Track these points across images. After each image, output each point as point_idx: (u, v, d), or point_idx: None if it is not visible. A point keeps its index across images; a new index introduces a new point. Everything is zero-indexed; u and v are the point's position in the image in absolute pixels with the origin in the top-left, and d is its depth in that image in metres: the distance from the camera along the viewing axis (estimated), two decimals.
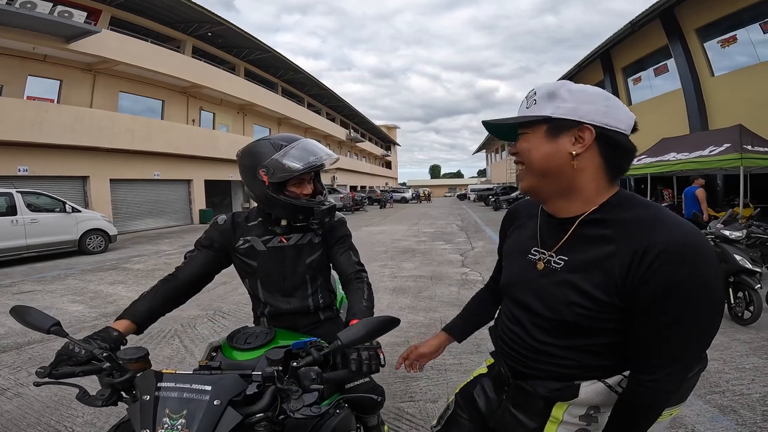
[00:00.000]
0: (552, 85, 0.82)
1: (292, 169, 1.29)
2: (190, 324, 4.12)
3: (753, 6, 10.78)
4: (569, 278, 0.81)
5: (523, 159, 0.86)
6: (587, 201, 0.82)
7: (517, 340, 0.94)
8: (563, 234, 0.85)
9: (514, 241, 1.02)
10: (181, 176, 17.12)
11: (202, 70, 17.46)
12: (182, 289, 1.36)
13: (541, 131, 0.82)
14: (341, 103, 35.40)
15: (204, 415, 0.78)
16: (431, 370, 2.95)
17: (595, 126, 0.78)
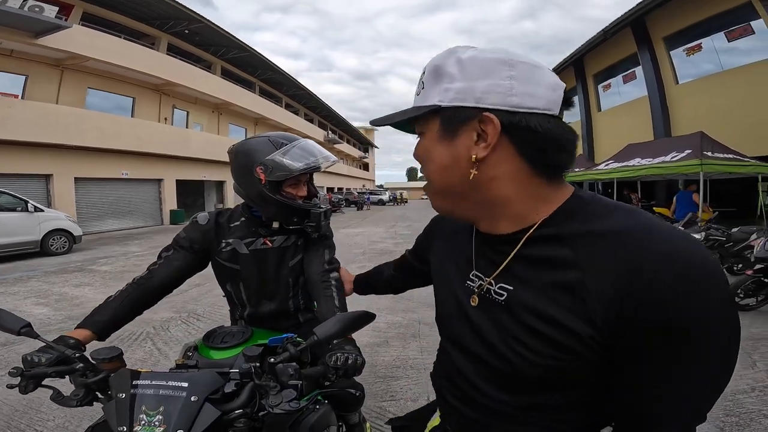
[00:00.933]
0: (439, 56, 0.58)
1: (291, 168, 1.25)
2: (163, 326, 4.00)
3: (719, 15, 11.24)
4: (518, 315, 0.57)
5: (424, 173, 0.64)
6: (520, 215, 0.58)
7: (462, 395, 0.69)
8: (503, 256, 0.60)
9: (444, 259, 0.78)
10: (151, 175, 16.56)
11: (176, 67, 16.99)
12: (155, 292, 1.28)
13: (434, 129, 0.59)
14: (320, 104, 35.19)
15: (181, 410, 0.78)
16: (411, 370, 2.99)
17: (498, 111, 0.53)
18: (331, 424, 1.07)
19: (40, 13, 10.72)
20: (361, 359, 1.00)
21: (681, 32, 12.74)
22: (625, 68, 15.94)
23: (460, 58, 0.55)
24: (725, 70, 11.59)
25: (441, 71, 0.57)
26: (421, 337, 3.66)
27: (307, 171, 1.29)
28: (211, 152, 18.93)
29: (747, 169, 8.25)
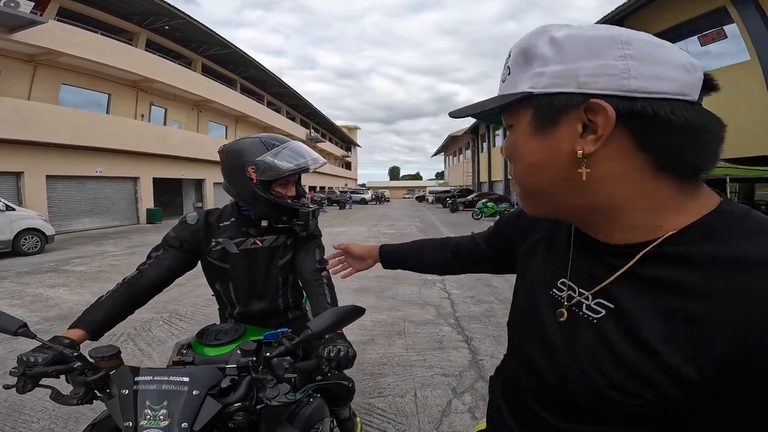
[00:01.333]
0: (526, 37, 0.49)
1: (282, 168, 1.31)
2: (144, 327, 3.93)
3: (693, 19, 11.60)
4: (608, 337, 0.48)
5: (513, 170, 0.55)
6: (637, 227, 0.48)
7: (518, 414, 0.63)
8: (608, 270, 0.50)
9: (532, 267, 0.67)
10: (126, 173, 16.12)
11: (155, 63, 16.59)
12: (145, 291, 1.29)
13: (525, 121, 0.49)
14: (302, 102, 34.92)
15: (185, 404, 0.80)
16: (397, 367, 3.03)
17: (610, 97, 0.43)
18: (325, 416, 1.11)
19: (15, 9, 10.34)
20: (352, 351, 1.05)
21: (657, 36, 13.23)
22: None
23: (554, 36, 0.46)
24: None
25: (531, 53, 0.47)
26: (407, 335, 3.72)
27: (296, 172, 1.34)
28: (189, 150, 18.55)
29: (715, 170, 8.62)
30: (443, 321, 4.12)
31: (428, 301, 4.87)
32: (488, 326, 3.93)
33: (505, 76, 0.52)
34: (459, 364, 3.07)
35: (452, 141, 49.96)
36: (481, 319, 4.15)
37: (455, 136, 46.62)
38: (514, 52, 0.50)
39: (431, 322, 4.10)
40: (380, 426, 2.28)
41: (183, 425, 0.77)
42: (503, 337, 3.44)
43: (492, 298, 5.00)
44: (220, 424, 0.87)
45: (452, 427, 2.26)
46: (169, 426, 0.77)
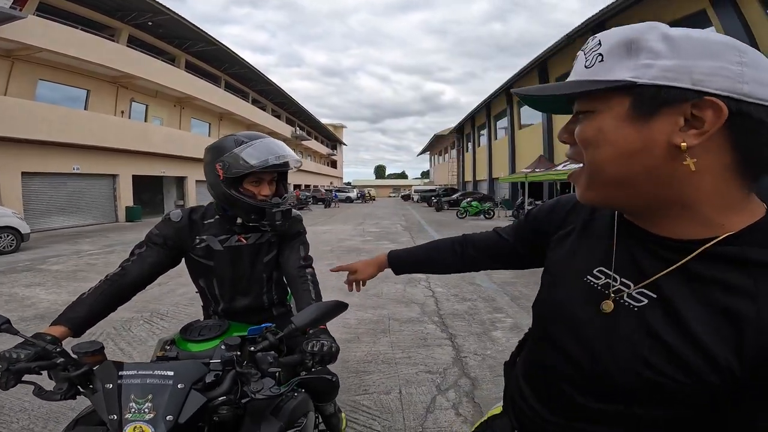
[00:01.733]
0: (631, 30, 0.50)
1: (246, 165, 1.28)
2: (125, 326, 3.85)
3: (673, 22, 11.74)
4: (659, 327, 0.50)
5: (585, 154, 0.54)
6: (704, 222, 0.50)
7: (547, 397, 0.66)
8: (662, 261, 0.53)
9: (564, 251, 0.69)
10: (105, 170, 15.73)
11: (136, 59, 16.22)
12: (129, 288, 1.28)
13: (619, 108, 0.49)
14: (288, 100, 34.62)
15: (169, 398, 0.80)
16: (382, 364, 3.05)
17: (727, 98, 0.44)
18: (309, 411, 1.12)
19: None
20: (336, 346, 1.07)
21: None
22: None
23: (668, 34, 0.47)
24: None
25: (638, 45, 0.48)
26: (392, 333, 3.74)
27: (262, 169, 1.30)
28: (171, 147, 18.21)
29: None
30: (428, 319, 4.15)
31: (413, 299, 4.89)
32: (472, 324, 3.98)
33: (593, 61, 0.52)
34: (443, 361, 3.11)
35: (438, 140, 50.23)
36: (464, 317, 4.20)
37: (441, 135, 46.90)
38: (613, 40, 0.50)
39: (416, 320, 4.13)
40: (366, 423, 2.29)
41: (168, 418, 0.78)
42: (486, 334, 3.51)
43: (475, 296, 5.06)
44: (206, 418, 0.87)
45: (437, 423, 2.28)
46: (154, 419, 0.77)
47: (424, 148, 60.57)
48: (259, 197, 1.35)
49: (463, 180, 38.48)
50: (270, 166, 1.31)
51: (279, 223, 1.37)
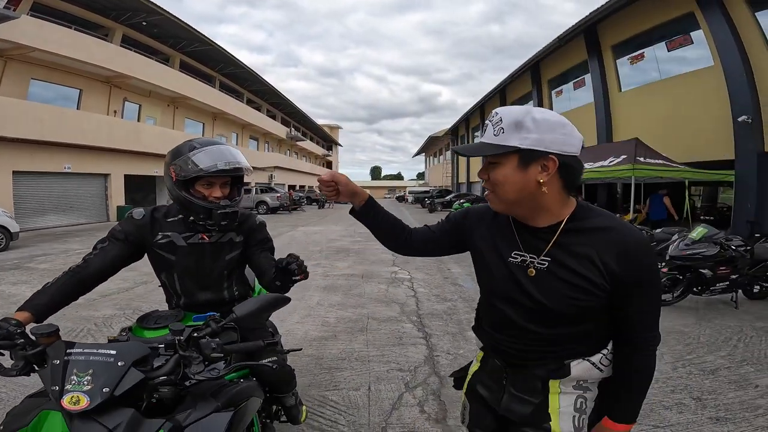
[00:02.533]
0: (517, 113, 0.88)
1: (195, 168, 1.37)
2: (106, 323, 3.90)
3: (662, 25, 12.01)
4: (560, 275, 0.92)
5: (495, 188, 0.94)
6: (554, 215, 0.94)
7: (511, 334, 1.02)
8: (544, 241, 0.95)
9: (488, 245, 1.06)
10: (96, 170, 15.70)
11: (129, 59, 16.23)
12: (89, 280, 1.36)
13: (512, 162, 0.89)
14: (283, 101, 34.57)
15: (109, 372, 0.88)
16: (355, 362, 3.12)
17: (557, 155, 0.86)
18: (254, 396, 1.18)
19: None
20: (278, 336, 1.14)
21: (627, 41, 13.54)
22: (576, 75, 16.81)
23: (535, 117, 0.87)
24: (661, 80, 12.50)
25: (521, 125, 0.87)
26: (369, 331, 3.80)
27: (207, 173, 1.38)
28: (164, 147, 17.87)
29: (674, 173, 9.04)
30: (406, 318, 4.22)
31: (394, 299, 4.97)
32: (449, 324, 4.06)
33: (498, 132, 0.90)
34: (415, 359, 3.17)
35: (433, 142, 50.36)
36: (443, 317, 4.27)
37: (436, 137, 47.01)
38: (509, 120, 0.88)
39: (394, 319, 4.20)
40: (331, 417, 2.35)
41: (104, 390, 0.85)
42: (461, 334, 3.59)
43: (456, 296, 5.15)
44: (145, 394, 0.95)
45: (400, 419, 2.34)
46: (91, 390, 0.85)
47: (419, 150, 60.67)
48: (209, 199, 1.43)
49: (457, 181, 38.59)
50: (218, 170, 1.39)
51: (224, 224, 1.45)
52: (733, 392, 2.63)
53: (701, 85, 10.77)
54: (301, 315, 4.19)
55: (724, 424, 2.25)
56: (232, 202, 1.48)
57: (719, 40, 9.91)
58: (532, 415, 1.04)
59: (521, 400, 1.06)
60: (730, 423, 2.27)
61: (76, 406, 0.83)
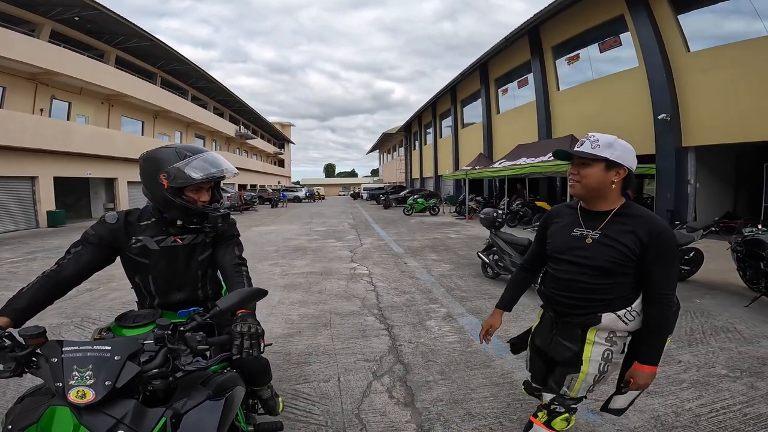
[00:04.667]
0: (610, 138, 1.42)
1: (191, 177, 1.43)
2: (54, 332, 3.69)
3: (595, 27, 12.93)
4: (608, 242, 1.40)
5: (581, 178, 1.44)
6: (612, 203, 1.45)
7: (566, 286, 1.51)
8: (600, 220, 1.45)
9: (559, 227, 1.57)
10: (22, 173, 14.36)
11: (57, 55, 14.95)
12: (65, 283, 1.37)
13: (601, 165, 1.40)
14: (231, 98, 33.21)
15: (108, 367, 0.94)
16: (322, 355, 3.21)
17: (627, 168, 1.41)
18: (238, 385, 1.26)
19: None
20: (261, 328, 1.23)
21: (565, 42, 14.48)
22: (520, 74, 17.70)
23: (620, 143, 1.41)
24: (594, 80, 13.52)
25: (611, 145, 1.39)
26: (332, 326, 3.90)
27: (205, 181, 1.47)
28: (98, 147, 16.98)
29: None
30: (368, 312, 4.36)
31: (355, 294, 5.09)
32: (408, 315, 4.25)
33: (595, 146, 1.40)
34: (380, 350, 3.32)
35: (386, 138, 50.77)
36: (402, 309, 4.46)
37: (389, 133, 47.42)
38: (603, 141, 1.40)
39: (356, 313, 4.32)
40: (306, 408, 2.43)
41: (107, 383, 0.92)
42: (421, 324, 3.80)
43: (414, 288, 5.36)
44: (140, 387, 1.01)
45: (372, 405, 2.48)
46: (95, 383, 0.91)
47: (373, 146, 60.92)
48: (199, 203, 1.51)
49: (411, 177, 39.29)
50: (212, 178, 1.49)
51: (220, 225, 1.55)
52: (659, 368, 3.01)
53: (627, 85, 11.79)
54: (264, 314, 4.19)
55: (654, 397, 2.52)
56: (219, 204, 1.57)
57: (644, 42, 10.87)
58: (570, 359, 1.53)
59: (564, 347, 1.54)
60: (659, 396, 2.54)
61: (83, 400, 0.88)
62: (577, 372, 1.52)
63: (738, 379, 2.71)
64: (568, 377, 1.54)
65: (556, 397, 1.60)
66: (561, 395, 1.59)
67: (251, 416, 1.75)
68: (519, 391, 2.60)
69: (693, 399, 2.40)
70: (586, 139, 1.44)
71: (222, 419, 1.04)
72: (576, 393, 1.56)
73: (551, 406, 1.62)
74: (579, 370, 1.51)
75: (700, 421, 2.24)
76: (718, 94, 9.40)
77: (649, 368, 1.43)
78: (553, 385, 1.62)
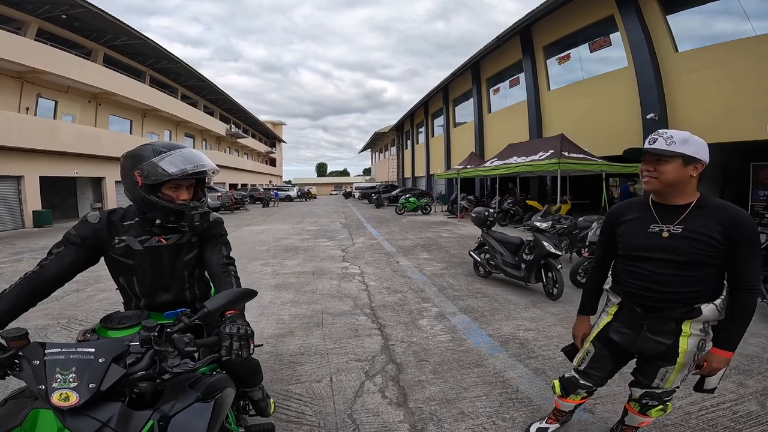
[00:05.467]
0: (684, 134, 1.45)
1: (164, 173, 1.38)
2: (40, 334, 3.61)
3: (586, 27, 13.02)
4: (693, 236, 1.44)
5: (659, 175, 1.47)
6: (690, 196, 1.49)
7: (654, 281, 1.52)
8: (679, 214, 1.48)
9: (631, 225, 1.59)
10: (8, 172, 14.06)
11: (44, 53, 14.65)
12: (48, 284, 1.33)
13: (678, 161, 1.44)
14: (222, 96, 32.85)
15: (92, 369, 0.92)
16: (314, 355, 3.19)
17: (704, 162, 1.45)
18: (228, 386, 1.23)
19: None
20: (250, 330, 1.20)
21: (556, 42, 14.57)
22: (512, 74, 17.78)
23: (694, 138, 1.44)
24: (584, 79, 13.65)
25: (687, 141, 1.43)
26: (324, 326, 3.88)
27: (180, 177, 1.41)
28: (85, 146, 16.71)
29: (594, 167, 9.99)
30: (360, 311, 4.34)
31: (347, 294, 5.07)
32: (400, 314, 4.24)
33: (671, 143, 1.43)
34: (372, 350, 3.31)
35: (378, 138, 50.75)
36: (394, 308, 4.45)
37: (381, 132, 47.42)
38: (678, 137, 1.44)
39: (348, 312, 4.31)
40: (298, 409, 2.41)
41: (90, 386, 0.89)
42: (413, 323, 3.79)
43: (406, 288, 5.35)
44: (126, 390, 0.98)
45: (364, 405, 2.46)
46: (78, 386, 0.89)
47: (365, 146, 60.86)
48: (177, 201, 1.45)
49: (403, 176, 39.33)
50: (188, 174, 1.41)
51: (197, 224, 1.48)
52: None
53: (617, 85, 11.92)
54: (255, 314, 4.16)
55: None
56: (200, 202, 1.51)
57: (633, 42, 10.98)
58: (664, 353, 1.57)
59: (655, 342, 1.56)
60: None
61: (66, 403, 0.86)
62: (672, 365, 1.57)
63: (727, 377, 2.72)
64: (662, 370, 1.61)
65: (647, 392, 1.69)
66: (653, 389, 1.67)
67: (242, 418, 1.73)
68: (511, 390, 2.61)
69: (683, 397, 2.42)
70: (658, 136, 1.46)
71: (211, 421, 1.02)
72: (671, 385, 1.63)
73: (643, 401, 1.72)
74: (675, 362, 1.56)
75: (690, 419, 2.26)
76: (705, 94, 9.54)
77: (727, 353, 1.48)
78: (643, 380, 1.69)
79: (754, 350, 3.13)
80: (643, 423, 1.83)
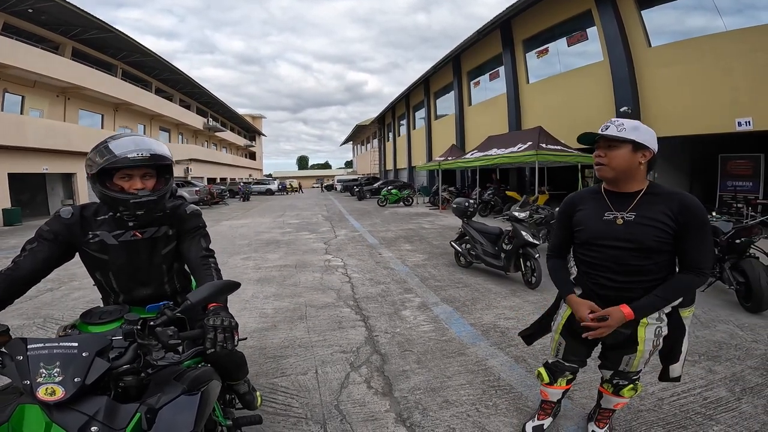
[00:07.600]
0: (634, 122, 1.51)
1: (99, 161, 1.32)
2: (15, 333, 3.47)
3: (564, 22, 13.22)
4: (645, 222, 1.48)
5: (610, 161, 1.52)
6: (639, 183, 1.54)
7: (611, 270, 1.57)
8: (631, 201, 1.54)
9: (587, 213, 1.64)
10: None
11: (9, 48, 14.06)
12: (22, 281, 1.31)
13: (628, 147, 1.49)
14: (198, 89, 31.94)
15: (76, 363, 0.92)
16: (299, 348, 3.20)
17: (652, 150, 1.50)
18: (213, 379, 1.24)
19: None
20: (234, 321, 1.21)
21: (535, 36, 14.76)
22: (492, 67, 17.93)
23: (644, 127, 1.51)
24: (561, 73, 13.89)
25: (637, 128, 1.49)
26: (308, 319, 3.89)
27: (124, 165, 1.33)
28: (54, 141, 16.08)
29: (570, 158, 10.23)
30: (343, 303, 4.37)
31: (330, 286, 5.08)
32: (384, 305, 4.28)
33: (621, 130, 1.49)
34: (356, 341, 3.34)
35: (360, 130, 50.48)
36: (377, 299, 4.49)
37: (363, 125, 47.19)
38: (629, 125, 1.50)
39: (332, 305, 4.32)
40: (284, 401, 2.42)
41: (76, 380, 0.89)
42: (396, 314, 3.83)
43: (389, 279, 5.40)
44: (111, 384, 0.99)
45: (350, 396, 2.49)
46: (63, 380, 0.88)
47: (346, 138, 60.48)
48: (129, 191, 1.37)
49: (385, 169, 39.30)
50: (130, 159, 1.31)
51: (139, 214, 1.38)
52: None
53: (592, 78, 12.18)
54: (237, 308, 4.12)
55: None
56: (154, 192, 1.40)
57: (608, 37, 11.23)
58: (625, 342, 1.64)
59: (616, 332, 1.58)
60: None
61: (52, 397, 0.86)
62: (633, 352, 1.64)
63: (696, 363, 2.80)
64: (626, 357, 1.68)
65: (616, 373, 1.77)
66: (620, 371, 1.75)
67: (229, 411, 1.73)
68: (493, 378, 2.68)
69: (655, 383, 2.42)
70: (610, 123, 1.51)
71: (199, 413, 1.03)
72: (636, 368, 1.71)
73: (614, 381, 1.81)
74: (635, 350, 1.63)
75: (662, 404, 2.32)
76: (676, 88, 9.84)
77: (628, 312, 1.50)
78: (610, 365, 1.78)
79: (722, 337, 3.23)
80: (618, 405, 1.90)
